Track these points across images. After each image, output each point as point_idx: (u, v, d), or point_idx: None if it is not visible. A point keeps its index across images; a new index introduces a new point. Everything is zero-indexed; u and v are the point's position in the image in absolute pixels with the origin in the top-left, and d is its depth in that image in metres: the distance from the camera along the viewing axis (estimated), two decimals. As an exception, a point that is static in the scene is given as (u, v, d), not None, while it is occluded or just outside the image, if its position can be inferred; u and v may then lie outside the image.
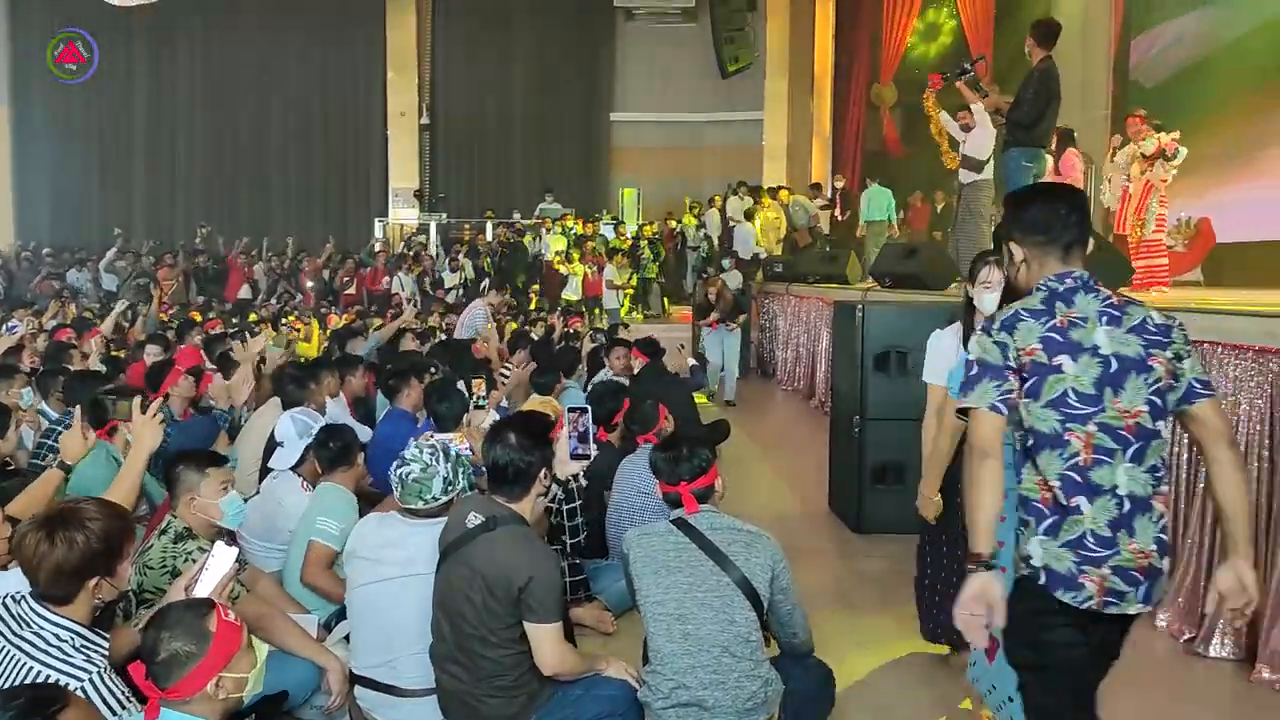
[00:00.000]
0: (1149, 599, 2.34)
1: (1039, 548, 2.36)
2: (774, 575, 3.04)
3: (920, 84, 16.90)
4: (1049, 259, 2.46)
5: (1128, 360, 2.32)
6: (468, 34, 20.88)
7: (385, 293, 15.66)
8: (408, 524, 3.29)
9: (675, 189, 19.82)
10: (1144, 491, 2.32)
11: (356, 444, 4.16)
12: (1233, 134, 9.81)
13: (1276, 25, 9.39)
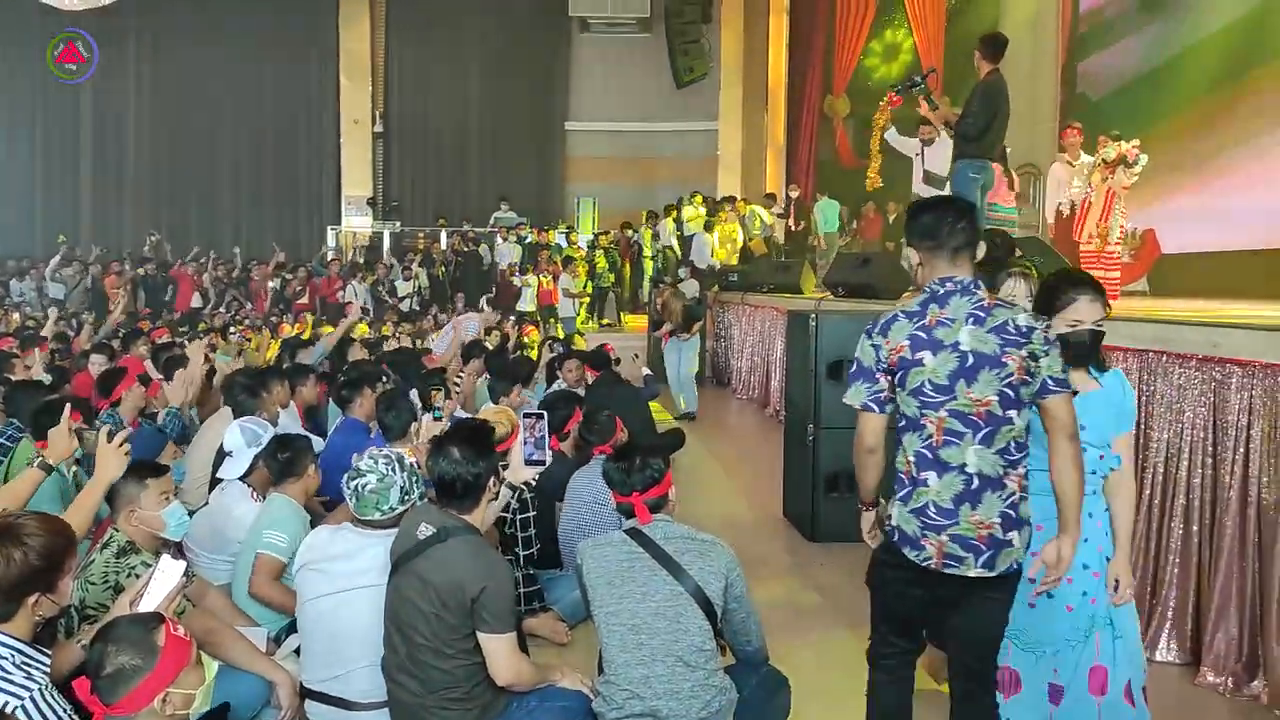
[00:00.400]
0: (992, 566, 2.68)
1: (896, 511, 2.77)
2: (728, 583, 3.04)
3: (874, 95, 17.14)
4: (938, 262, 2.78)
5: (983, 356, 2.65)
6: (422, 42, 20.78)
7: (338, 302, 15.51)
8: (361, 535, 3.25)
9: (631, 198, 19.83)
10: (994, 471, 2.67)
11: (307, 454, 4.11)
12: (1176, 147, 10.01)
13: (1218, 41, 9.61)
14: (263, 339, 9.74)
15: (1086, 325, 2.95)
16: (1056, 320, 2.95)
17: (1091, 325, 2.96)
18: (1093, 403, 2.99)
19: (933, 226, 2.76)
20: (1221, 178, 9.40)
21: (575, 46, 21.17)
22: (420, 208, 20.70)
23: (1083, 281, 3.04)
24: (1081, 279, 3.06)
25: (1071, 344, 2.91)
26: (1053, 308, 2.99)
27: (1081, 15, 12.07)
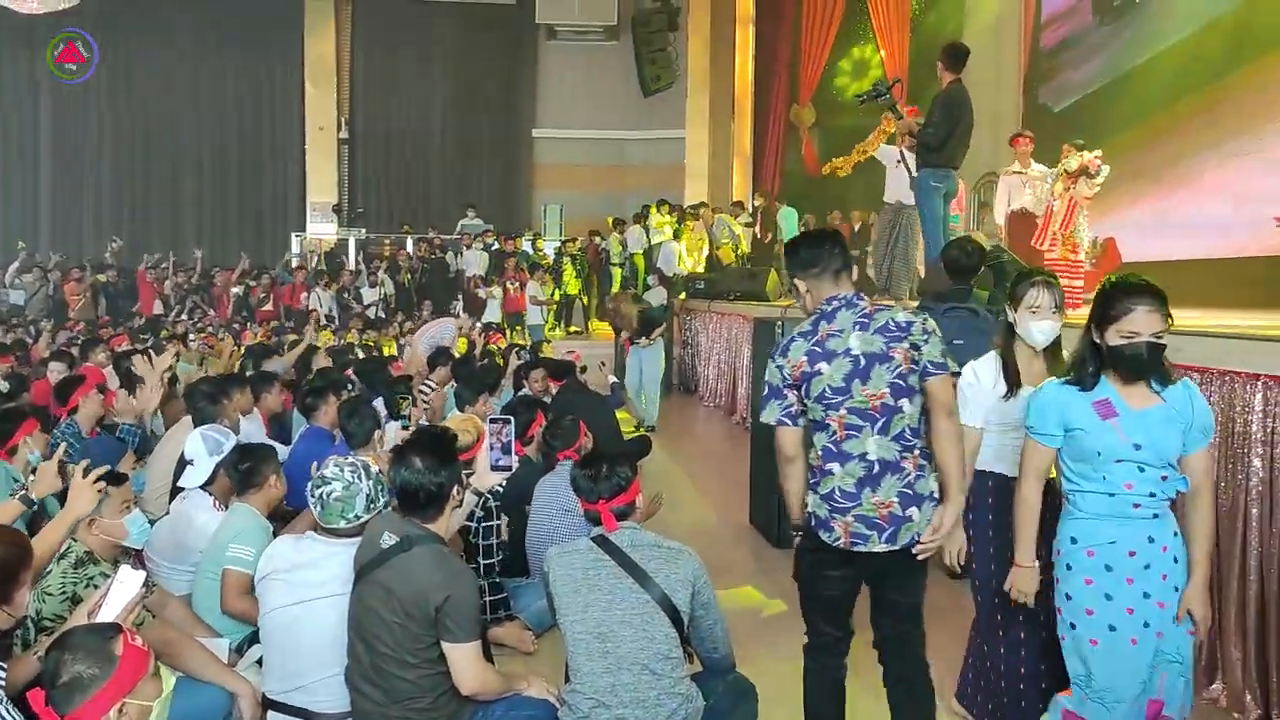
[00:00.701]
0: (894, 541, 2.99)
1: (811, 499, 3.09)
2: (695, 591, 3.04)
3: (839, 105, 17.26)
4: (823, 285, 3.08)
5: (873, 355, 2.97)
6: (388, 48, 20.69)
7: (303, 309, 15.39)
8: (326, 544, 3.21)
9: (598, 206, 19.84)
10: (892, 456, 2.98)
11: (270, 463, 4.07)
12: (1137, 157, 10.14)
13: (1176, 54, 9.75)
14: (223, 345, 9.63)
15: (1144, 337, 2.78)
16: (1110, 332, 2.82)
17: (1150, 337, 2.79)
18: (1151, 419, 2.84)
19: (814, 256, 3.09)
20: (1181, 187, 9.53)
21: (542, 54, 21.15)
22: (386, 215, 20.58)
23: (1140, 290, 2.83)
24: (1138, 287, 2.84)
25: (1127, 357, 2.81)
26: (1107, 318, 2.84)
27: (1043, 26, 12.21)
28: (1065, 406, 2.92)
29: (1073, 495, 2.96)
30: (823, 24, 17.15)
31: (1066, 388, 2.95)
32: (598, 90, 20.74)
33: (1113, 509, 2.87)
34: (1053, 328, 3.34)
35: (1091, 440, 2.86)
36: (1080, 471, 2.92)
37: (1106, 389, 2.89)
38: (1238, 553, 3.80)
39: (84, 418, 5.45)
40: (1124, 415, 2.85)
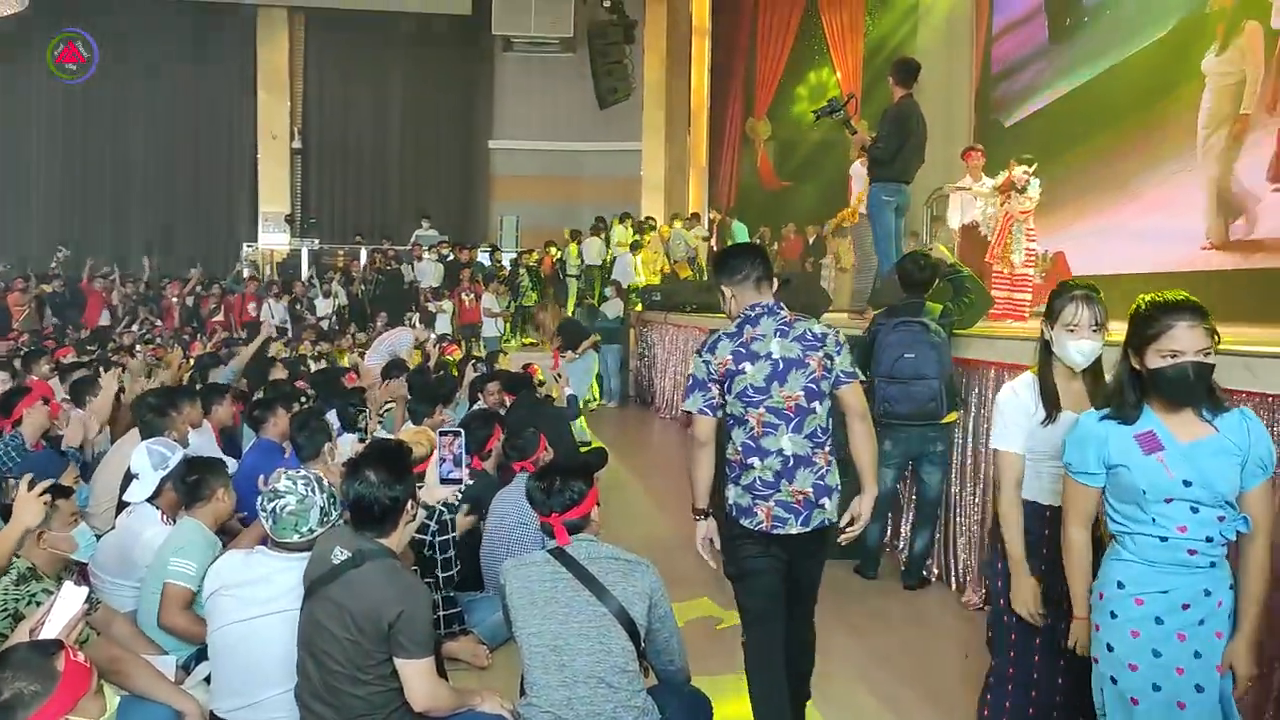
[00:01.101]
0: (808, 524, 3.33)
1: (732, 492, 3.41)
2: (652, 604, 3.03)
3: (794, 119, 17.41)
4: (746, 292, 3.39)
5: (790, 360, 3.29)
6: (342, 57, 20.54)
7: (255, 320, 15.19)
8: (277, 559, 3.16)
9: (554, 217, 19.81)
10: (805, 451, 3.31)
11: (218, 476, 4.01)
12: (1087, 172, 10.34)
13: (1126, 71, 9.95)
14: (174, 357, 9.47)
15: (1188, 357, 2.49)
16: (1150, 353, 2.54)
17: (1194, 357, 2.50)
18: (1203, 452, 2.54)
19: (740, 265, 3.41)
20: (1131, 202, 9.73)
21: (499, 65, 21.11)
22: (340, 225, 20.41)
23: (1179, 305, 2.55)
24: (1177, 302, 2.55)
25: (1171, 380, 2.53)
26: (1144, 339, 2.56)
27: (994, 42, 12.41)
28: (1104, 441, 2.64)
29: (1121, 536, 2.66)
30: (778, 39, 17.31)
31: (1106, 421, 2.66)
32: (554, 102, 20.73)
33: (1167, 555, 2.56)
34: (1093, 347, 2.98)
35: (1135, 478, 2.57)
36: (1127, 513, 2.63)
37: (1150, 420, 2.60)
38: None
39: (29, 430, 5.32)
40: (1171, 449, 2.55)
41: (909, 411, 5.29)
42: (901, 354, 5.26)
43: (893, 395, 5.30)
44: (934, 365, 5.21)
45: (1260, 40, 8.35)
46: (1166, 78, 9.42)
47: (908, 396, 5.25)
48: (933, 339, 5.22)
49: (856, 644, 4.80)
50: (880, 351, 5.38)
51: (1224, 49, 8.74)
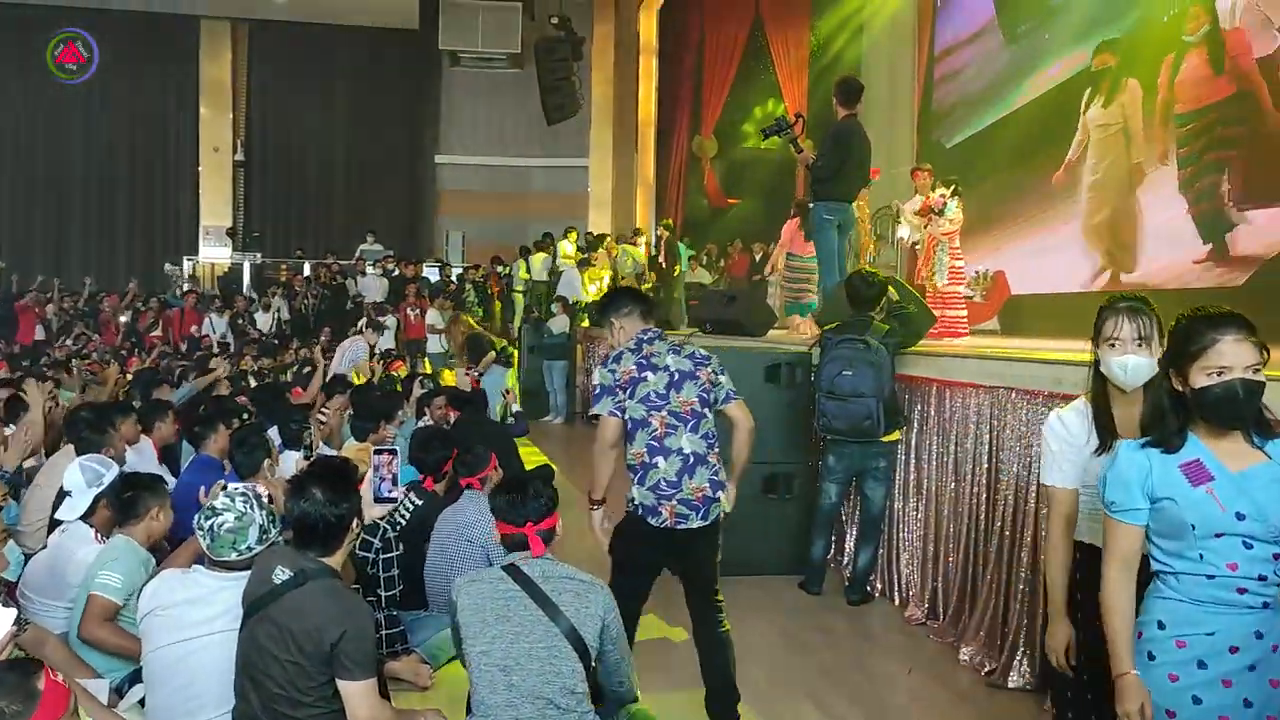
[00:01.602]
0: (707, 517, 3.73)
1: (636, 491, 3.76)
2: (604, 625, 3.00)
3: (741, 137, 17.55)
4: (634, 322, 3.89)
5: (684, 372, 3.78)
6: (286, 71, 20.39)
7: (194, 335, 14.94)
8: (215, 578, 3.10)
9: (501, 232, 19.78)
10: (702, 450, 3.74)
11: (151, 494, 3.92)
12: (1023, 192, 10.54)
13: (1060, 92, 10.16)
14: (110, 373, 9.27)
15: (1236, 374, 2.28)
16: (1194, 371, 2.32)
17: (1243, 373, 2.29)
18: (1256, 481, 2.33)
19: (625, 302, 3.97)
20: (1067, 222, 9.91)
21: (446, 80, 21.06)
22: (283, 239, 20.20)
23: (1223, 317, 2.34)
24: (1221, 315, 2.34)
25: (1219, 399, 2.30)
26: (1186, 355, 2.34)
27: (936, 62, 12.61)
28: (1148, 472, 2.39)
29: (1163, 575, 2.43)
30: (725, 58, 17.46)
31: (1147, 450, 2.42)
32: (501, 118, 20.72)
33: (1214, 594, 2.33)
34: (1138, 363, 2.69)
35: (1182, 512, 2.34)
36: (1172, 550, 2.39)
37: (1196, 448, 2.38)
38: None
39: (-43, 447, 5.18)
40: (1221, 478, 2.33)
41: (845, 428, 5.37)
42: (841, 370, 5.33)
43: (831, 410, 5.38)
44: (871, 384, 5.25)
45: (1140, 96, 9.09)
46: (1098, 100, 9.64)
47: (845, 413, 5.32)
48: (872, 358, 5.26)
49: (802, 660, 4.82)
50: (822, 367, 5.47)
51: (1108, 103, 9.47)
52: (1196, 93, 8.45)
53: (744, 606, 5.50)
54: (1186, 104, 8.55)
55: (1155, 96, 8.87)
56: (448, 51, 20.42)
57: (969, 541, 4.93)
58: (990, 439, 4.79)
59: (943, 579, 5.16)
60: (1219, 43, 8.23)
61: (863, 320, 5.46)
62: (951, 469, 5.12)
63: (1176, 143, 8.63)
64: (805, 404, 6.14)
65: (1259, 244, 7.75)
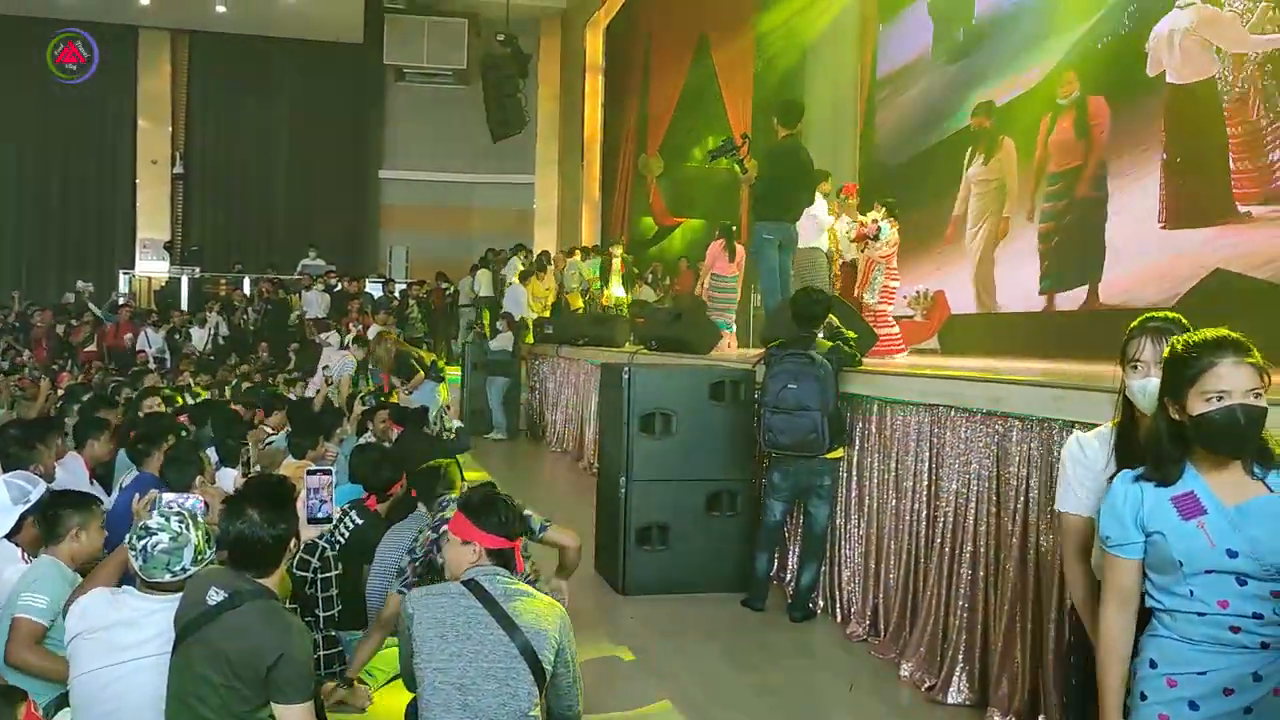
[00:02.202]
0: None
1: None
2: (560, 648, 2.98)
3: (684, 155, 17.63)
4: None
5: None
6: (228, 83, 20.13)
7: (129, 350, 14.66)
8: (146, 600, 3.01)
9: (445, 248, 19.71)
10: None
11: (76, 513, 3.80)
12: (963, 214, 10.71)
13: (999, 115, 10.34)
14: (40, 389, 9.05)
15: (1236, 398, 2.17)
16: (1192, 397, 2.21)
17: (1244, 399, 2.18)
18: (1252, 516, 2.22)
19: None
20: (1007, 244, 10.08)
21: (390, 94, 20.96)
22: (222, 253, 19.87)
23: (1220, 340, 2.23)
24: (1219, 338, 2.24)
25: (1218, 425, 2.19)
26: (1183, 381, 2.24)
27: (879, 85, 12.78)
28: (1140, 504, 2.30)
29: (1158, 613, 2.33)
30: (670, 77, 17.52)
31: (1141, 482, 2.33)
32: (447, 133, 20.64)
33: (1206, 632, 2.23)
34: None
35: (1170, 546, 2.24)
36: (1162, 585, 2.29)
37: (1192, 480, 2.28)
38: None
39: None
40: (1214, 513, 2.23)
41: (790, 443, 5.36)
42: (785, 385, 5.35)
43: (777, 425, 5.38)
44: (816, 397, 5.27)
45: (1014, 154, 9.87)
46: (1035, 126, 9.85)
47: (790, 427, 5.32)
48: (817, 372, 5.31)
49: (744, 677, 4.82)
50: (767, 382, 5.49)
51: (987, 160, 10.25)
52: (1063, 156, 9.23)
53: (687, 624, 5.52)
54: (1056, 164, 9.34)
55: (1032, 155, 9.62)
56: (392, 66, 20.33)
57: (909, 558, 4.97)
58: (930, 456, 4.85)
59: (884, 595, 5.20)
60: (1085, 109, 8.98)
61: (807, 336, 5.51)
62: (892, 486, 5.17)
63: (1044, 198, 9.42)
64: (749, 421, 6.17)
65: (1073, 302, 8.80)
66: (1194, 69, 7.69)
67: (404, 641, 3.01)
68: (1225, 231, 7.47)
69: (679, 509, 6.04)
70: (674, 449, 6.05)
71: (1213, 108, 7.56)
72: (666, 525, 6.01)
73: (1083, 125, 8.95)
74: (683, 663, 4.92)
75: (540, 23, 20.46)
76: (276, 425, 7.17)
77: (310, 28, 19.15)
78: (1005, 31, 10.48)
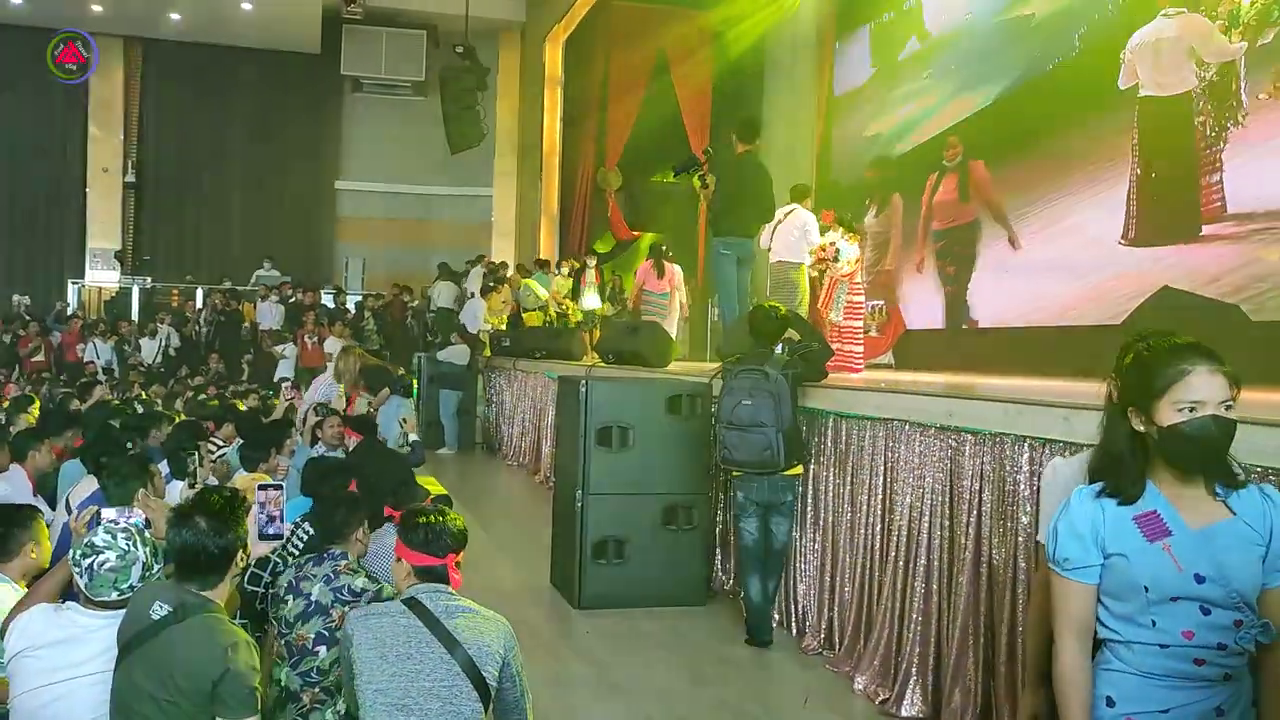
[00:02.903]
0: None
1: None
2: (505, 662, 2.94)
3: (643, 169, 17.67)
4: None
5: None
6: (181, 92, 19.84)
7: (78, 361, 14.41)
8: (91, 617, 2.93)
9: (403, 260, 19.60)
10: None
11: (24, 529, 3.72)
12: (917, 231, 10.83)
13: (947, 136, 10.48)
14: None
15: (1209, 410, 2.03)
16: (1162, 408, 2.06)
17: (1215, 411, 2.03)
18: (1218, 540, 2.07)
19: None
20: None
21: (347, 105, 20.80)
22: (175, 263, 19.59)
23: (1192, 346, 2.08)
24: (1193, 346, 2.08)
25: (1189, 439, 2.04)
26: (1152, 390, 2.07)
27: (835, 100, 12.89)
28: (1100, 524, 2.13)
29: (1112, 644, 2.16)
30: (629, 92, 17.57)
31: (1100, 499, 2.16)
32: (404, 144, 20.54)
33: (1168, 666, 2.08)
34: None
35: (1134, 570, 2.08)
36: (1121, 614, 2.12)
37: (1154, 498, 2.12)
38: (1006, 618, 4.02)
39: None
40: (1179, 534, 2.07)
41: (745, 459, 5.27)
42: (740, 401, 5.28)
43: (732, 441, 5.30)
44: (770, 414, 5.21)
45: (901, 208, 10.81)
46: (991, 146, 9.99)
47: (745, 444, 5.24)
48: (771, 387, 5.26)
49: (699, 692, 4.81)
50: (723, 398, 5.44)
51: (879, 213, 11.11)
52: (948, 213, 10.10)
53: (643, 638, 5.51)
54: (941, 222, 10.23)
55: (918, 212, 10.44)
56: (350, 77, 20.21)
57: (864, 572, 5.00)
58: (885, 470, 4.88)
59: (839, 609, 5.22)
60: (968, 171, 9.69)
61: (762, 352, 5.49)
62: (848, 500, 5.20)
63: (935, 255, 10.31)
64: (705, 435, 6.18)
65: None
66: (1175, 80, 7.68)
67: (344, 664, 2.97)
68: (1176, 250, 7.58)
69: (635, 523, 6.04)
70: (631, 462, 6.04)
71: (1186, 122, 7.56)
72: (623, 539, 6.00)
73: (965, 188, 9.80)
74: (638, 677, 4.91)
75: (499, 35, 20.43)
76: (227, 437, 7.06)
77: (267, 37, 18.96)
78: (908, 81, 11.10)
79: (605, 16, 17.23)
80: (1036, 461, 3.90)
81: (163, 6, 17.55)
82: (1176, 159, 7.68)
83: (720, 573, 6.47)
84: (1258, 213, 6.94)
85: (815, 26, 13.14)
